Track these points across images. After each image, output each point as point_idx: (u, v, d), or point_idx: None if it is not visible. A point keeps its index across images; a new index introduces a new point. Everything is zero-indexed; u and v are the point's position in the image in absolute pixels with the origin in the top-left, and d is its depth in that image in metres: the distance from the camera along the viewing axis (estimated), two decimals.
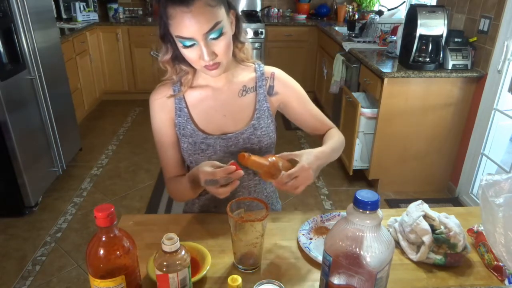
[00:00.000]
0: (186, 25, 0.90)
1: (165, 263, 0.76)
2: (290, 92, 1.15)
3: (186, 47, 0.94)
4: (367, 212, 0.68)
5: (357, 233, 0.69)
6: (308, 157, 0.97)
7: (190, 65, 1.05)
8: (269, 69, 1.15)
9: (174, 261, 0.76)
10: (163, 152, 1.14)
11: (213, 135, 1.09)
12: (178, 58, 1.04)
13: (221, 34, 0.93)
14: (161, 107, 1.10)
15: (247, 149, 1.10)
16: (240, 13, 1.05)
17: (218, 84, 1.10)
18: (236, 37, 1.04)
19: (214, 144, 1.09)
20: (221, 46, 0.95)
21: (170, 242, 0.75)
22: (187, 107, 1.10)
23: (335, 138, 1.13)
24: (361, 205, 0.68)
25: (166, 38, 1.00)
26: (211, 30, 0.91)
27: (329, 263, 0.72)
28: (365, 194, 0.68)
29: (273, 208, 1.28)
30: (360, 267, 0.68)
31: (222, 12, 0.94)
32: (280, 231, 1.06)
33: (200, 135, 1.08)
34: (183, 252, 0.77)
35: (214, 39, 0.93)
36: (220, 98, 1.10)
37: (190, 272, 0.79)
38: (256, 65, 1.14)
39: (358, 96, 2.89)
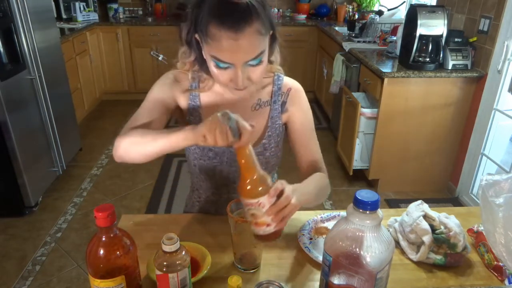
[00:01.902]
0: (228, 51, 0.84)
1: (165, 263, 0.76)
2: (298, 111, 1.09)
3: (219, 68, 0.88)
4: (367, 212, 0.68)
5: (357, 233, 0.69)
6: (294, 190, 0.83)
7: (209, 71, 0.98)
8: (287, 83, 1.08)
9: (174, 261, 0.76)
10: (147, 110, 0.98)
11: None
12: (199, 63, 0.98)
13: (260, 62, 0.89)
14: (175, 85, 1.03)
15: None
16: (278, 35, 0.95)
17: (234, 95, 1.02)
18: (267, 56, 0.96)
19: (221, 155, 1.06)
20: (257, 73, 0.90)
21: (170, 242, 0.75)
22: (200, 107, 1.05)
23: (321, 181, 1.04)
24: (361, 205, 0.68)
25: (191, 44, 0.93)
26: (253, 59, 0.87)
27: (329, 263, 0.72)
28: (365, 194, 0.68)
29: None
30: (360, 267, 0.68)
31: (266, 40, 0.89)
32: None
33: None
34: (183, 252, 0.77)
35: (251, 65, 0.88)
36: (233, 110, 1.04)
37: (190, 272, 0.79)
38: (276, 77, 1.08)
39: (358, 96, 2.89)
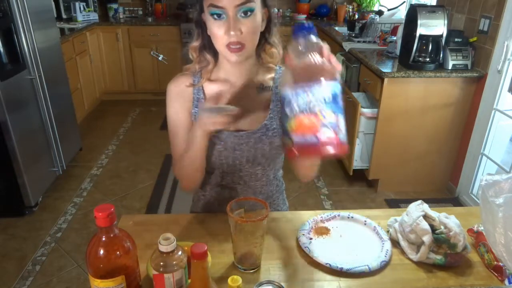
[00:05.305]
0: None
1: (161, 263, 0.75)
2: None
3: (215, 19, 0.94)
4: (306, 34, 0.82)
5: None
6: None
7: (213, 55, 1.07)
8: None
9: (170, 262, 0.75)
10: (176, 137, 1.13)
11: (226, 130, 1.09)
12: (205, 47, 1.06)
13: (251, 13, 0.94)
14: (178, 96, 1.11)
15: (257, 149, 1.09)
16: (276, 16, 1.06)
17: (237, 80, 1.09)
18: (264, 36, 1.04)
19: (226, 140, 1.08)
20: (249, 25, 0.95)
21: (167, 243, 0.74)
22: (205, 98, 1.10)
23: None
24: (299, 31, 0.81)
25: (199, 23, 1.03)
26: (243, 4, 0.92)
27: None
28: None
29: (278, 210, 1.27)
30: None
31: None
32: (280, 231, 1.06)
33: None
34: (179, 253, 0.76)
35: (243, 16, 0.94)
36: (237, 94, 1.10)
37: (187, 273, 0.79)
38: (277, 67, 1.15)
39: (358, 96, 2.89)
